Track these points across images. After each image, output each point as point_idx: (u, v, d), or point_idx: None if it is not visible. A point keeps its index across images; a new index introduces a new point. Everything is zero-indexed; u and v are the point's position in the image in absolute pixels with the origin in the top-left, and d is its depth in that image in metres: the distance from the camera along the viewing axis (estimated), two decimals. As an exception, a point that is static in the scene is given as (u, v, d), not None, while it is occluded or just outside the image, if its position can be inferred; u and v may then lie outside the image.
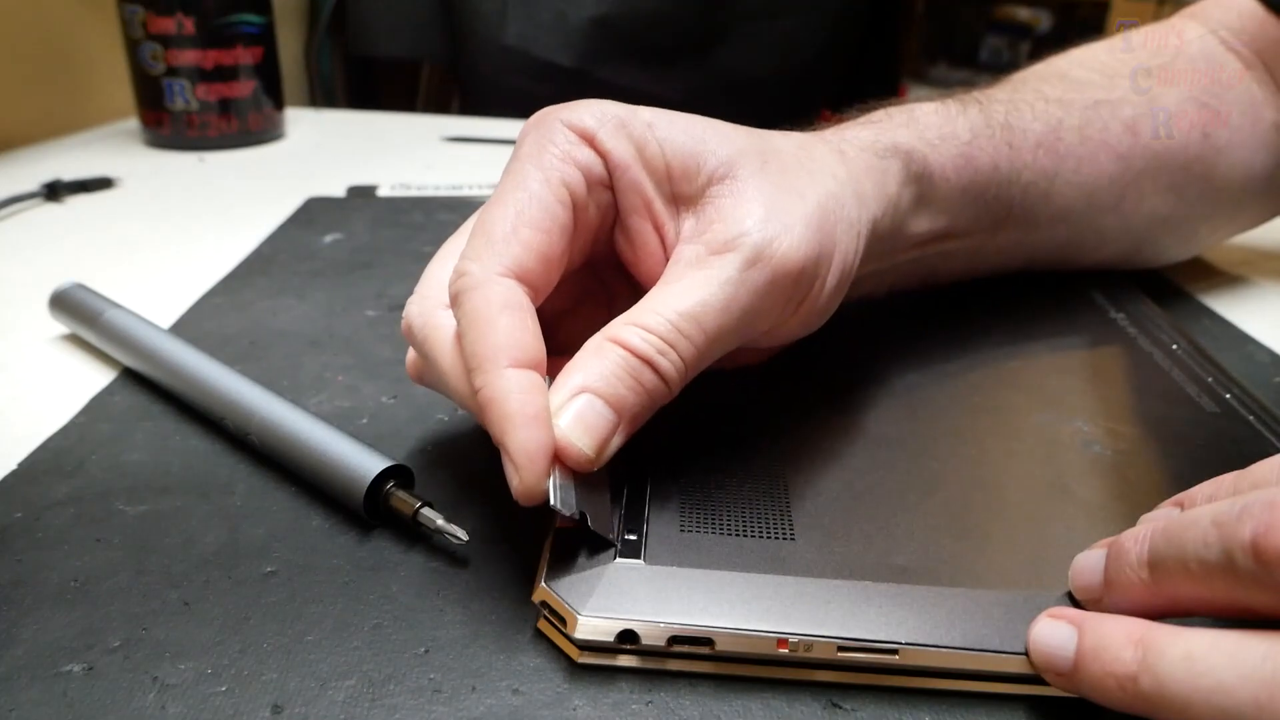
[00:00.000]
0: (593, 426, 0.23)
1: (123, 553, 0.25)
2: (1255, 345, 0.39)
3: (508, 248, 0.24)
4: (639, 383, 0.23)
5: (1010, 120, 0.36)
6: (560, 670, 0.22)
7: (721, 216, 0.26)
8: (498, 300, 0.23)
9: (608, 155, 0.26)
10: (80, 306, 0.36)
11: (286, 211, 0.55)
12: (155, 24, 0.66)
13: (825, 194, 0.27)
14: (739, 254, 0.25)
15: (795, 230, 0.26)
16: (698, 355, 0.24)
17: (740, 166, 0.27)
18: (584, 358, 0.24)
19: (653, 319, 0.24)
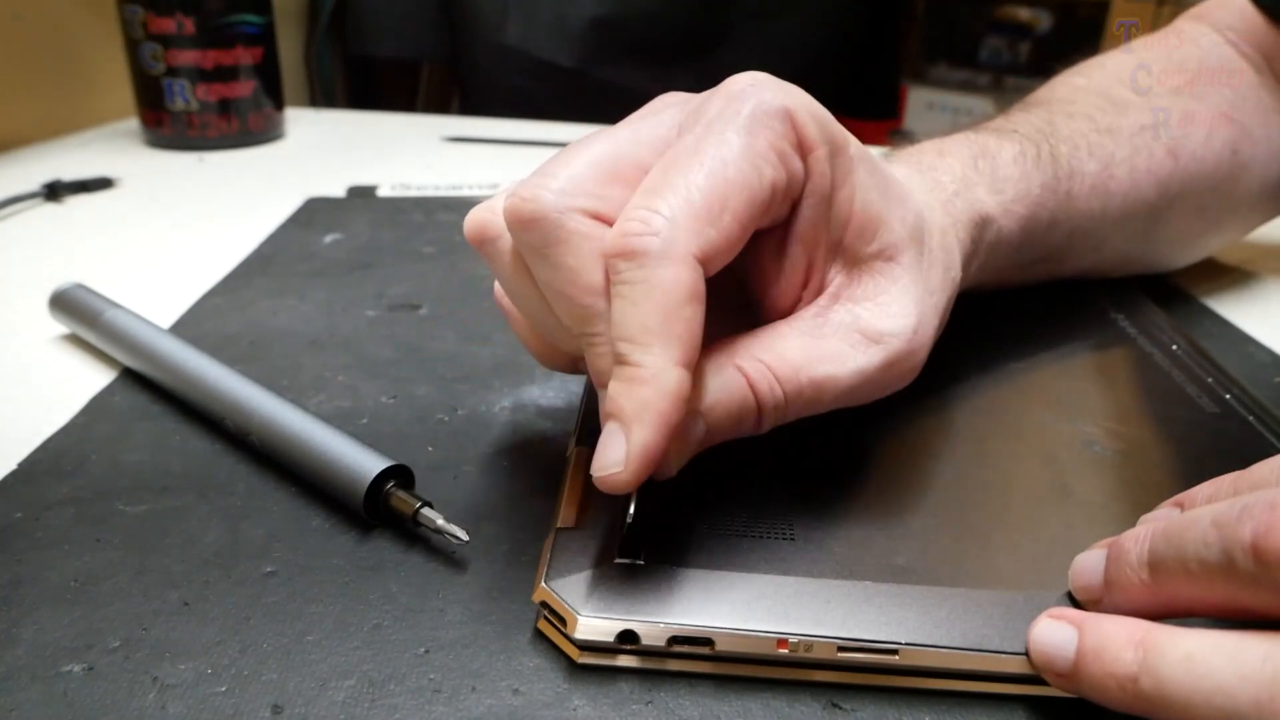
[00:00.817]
0: (688, 448, 0.23)
1: (123, 553, 0.25)
2: (1255, 345, 0.39)
3: (708, 228, 0.22)
4: (741, 420, 0.23)
5: (1073, 165, 0.36)
6: (560, 670, 0.22)
7: (881, 301, 0.25)
8: (688, 287, 0.21)
9: (811, 177, 0.24)
10: (80, 306, 0.36)
11: (286, 211, 0.55)
12: (155, 24, 0.66)
13: (948, 298, 0.28)
14: (883, 351, 0.25)
15: (928, 335, 0.26)
16: (798, 414, 0.24)
17: (904, 253, 0.26)
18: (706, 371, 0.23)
19: (784, 369, 0.24)
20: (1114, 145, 0.38)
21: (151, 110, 0.69)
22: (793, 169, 0.23)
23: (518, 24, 0.97)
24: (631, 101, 0.28)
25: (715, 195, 0.22)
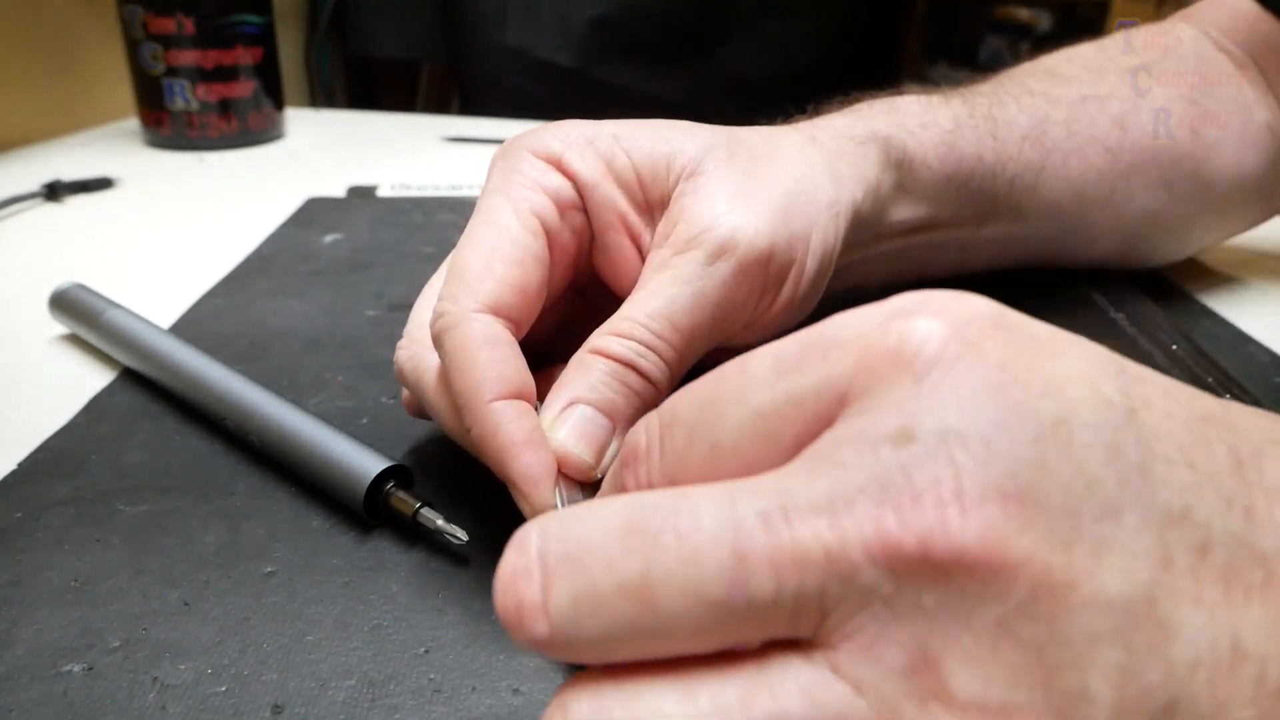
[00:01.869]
0: (589, 435, 0.23)
1: (123, 553, 0.25)
2: (1255, 345, 0.39)
3: (481, 284, 0.24)
4: (627, 387, 0.24)
5: (995, 113, 0.36)
6: (560, 670, 0.22)
7: (684, 216, 0.26)
8: (477, 337, 0.23)
9: (576, 176, 0.26)
10: (80, 306, 0.36)
11: (286, 211, 0.55)
12: (155, 24, 0.66)
13: (795, 178, 0.27)
14: (702, 250, 0.25)
15: (760, 217, 0.26)
16: (677, 353, 0.24)
17: (706, 161, 0.27)
18: (570, 373, 0.24)
19: (626, 325, 0.24)
20: (1049, 107, 0.38)
21: (151, 110, 0.69)
22: (552, 184, 0.26)
23: (518, 24, 0.97)
24: (631, 102, 0.28)
25: (479, 256, 0.25)
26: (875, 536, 0.13)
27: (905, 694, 0.13)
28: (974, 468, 0.13)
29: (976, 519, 0.12)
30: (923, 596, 0.13)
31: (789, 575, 0.13)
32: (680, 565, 0.14)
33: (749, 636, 0.14)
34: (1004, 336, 0.14)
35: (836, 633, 0.13)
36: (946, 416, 0.13)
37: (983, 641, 0.13)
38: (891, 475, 0.13)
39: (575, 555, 0.14)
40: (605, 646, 0.14)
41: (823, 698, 0.13)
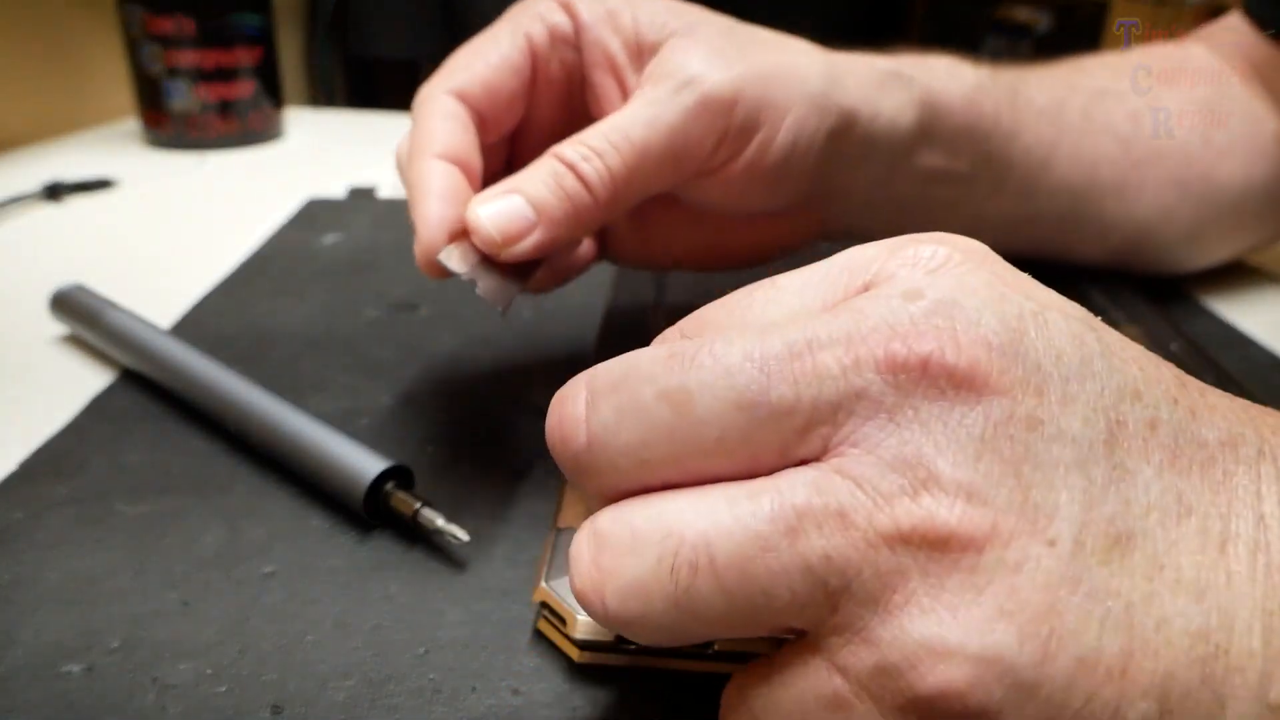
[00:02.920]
0: (506, 216, 0.26)
1: (123, 553, 0.25)
2: (1255, 345, 0.39)
3: (455, 74, 0.29)
4: (563, 189, 0.26)
5: (1016, 85, 0.37)
6: (560, 670, 0.22)
7: (665, 58, 0.28)
8: (438, 110, 0.28)
9: (577, 15, 0.29)
10: (80, 307, 0.36)
11: (287, 212, 0.55)
12: (155, 24, 0.66)
13: (785, 61, 0.29)
14: (671, 79, 0.27)
15: (734, 70, 0.28)
16: (624, 165, 0.27)
17: (703, 28, 0.29)
18: (526, 167, 0.27)
19: (587, 132, 0.27)
20: (1067, 93, 0.39)
21: (151, 110, 0.69)
22: (554, 19, 0.29)
23: (518, 24, 0.97)
24: None
25: (465, 53, 0.29)
26: (884, 356, 0.15)
27: (899, 487, 0.14)
28: (968, 324, 0.15)
29: (968, 354, 0.15)
30: (920, 408, 0.15)
31: (807, 387, 0.15)
32: (714, 376, 0.15)
33: (768, 448, 0.15)
34: (994, 262, 0.17)
35: (844, 443, 0.15)
36: (950, 291, 0.16)
37: (969, 449, 0.14)
38: (900, 317, 0.15)
39: (620, 377, 0.16)
40: (639, 451, 0.16)
41: (825, 491, 0.15)
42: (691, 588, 0.15)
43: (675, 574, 0.15)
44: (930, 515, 0.14)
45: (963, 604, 0.14)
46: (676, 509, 0.15)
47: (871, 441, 0.15)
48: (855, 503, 0.14)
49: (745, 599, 0.15)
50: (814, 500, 0.15)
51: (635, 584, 0.15)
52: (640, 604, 0.15)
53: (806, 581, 0.15)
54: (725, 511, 0.15)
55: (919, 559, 0.14)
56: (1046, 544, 0.14)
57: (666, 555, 0.15)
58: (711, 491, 0.15)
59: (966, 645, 0.14)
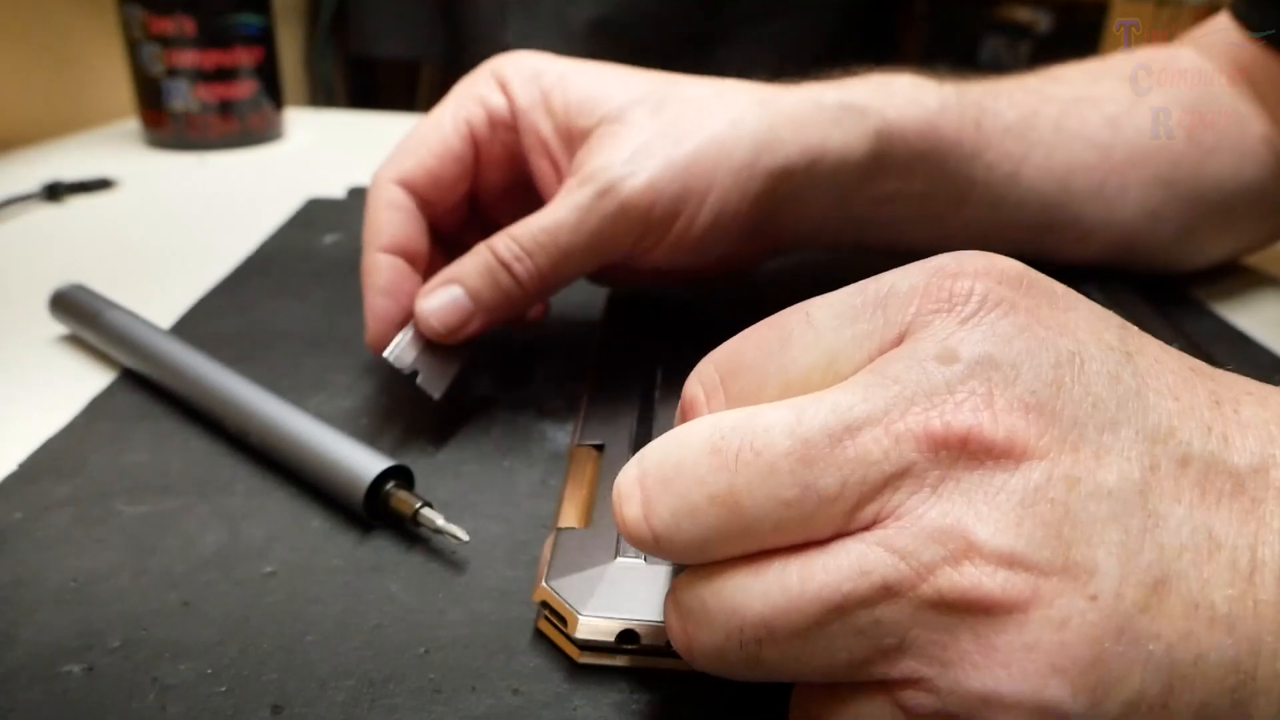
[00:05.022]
0: (447, 309, 0.30)
1: (123, 553, 0.25)
2: (1255, 345, 0.39)
3: (403, 162, 0.32)
4: (496, 281, 0.30)
5: (984, 103, 0.37)
6: (560, 670, 0.22)
7: (592, 153, 0.30)
8: (384, 199, 0.31)
9: (513, 100, 0.31)
10: (80, 307, 0.36)
11: (287, 212, 0.55)
12: (155, 25, 0.66)
13: (710, 138, 0.30)
14: (593, 185, 0.29)
15: (652, 171, 0.29)
16: (551, 264, 0.30)
17: (631, 111, 0.30)
18: (465, 255, 0.30)
19: (519, 229, 0.30)
20: (1040, 104, 0.39)
21: (151, 110, 0.69)
22: (492, 103, 0.32)
23: (517, 24, 0.97)
24: None
25: (414, 138, 0.32)
26: (924, 433, 0.15)
27: (942, 557, 0.15)
28: (1004, 385, 0.16)
29: (1005, 422, 0.15)
30: (961, 479, 0.15)
31: (851, 473, 0.16)
32: (759, 476, 0.16)
33: (819, 529, 0.16)
34: (1030, 292, 0.17)
35: (889, 516, 0.16)
36: (984, 346, 0.16)
37: (1009, 516, 0.15)
38: (937, 386, 0.16)
39: (670, 477, 0.17)
40: (702, 546, 0.17)
41: (870, 565, 0.15)
42: (760, 655, 0.17)
43: (744, 646, 0.17)
44: (973, 584, 0.15)
45: (1015, 661, 0.15)
46: (739, 589, 0.17)
47: (915, 515, 0.15)
48: (899, 575, 0.15)
49: (809, 663, 0.16)
50: (860, 581, 0.15)
51: (714, 650, 0.17)
52: (724, 665, 0.17)
53: (862, 645, 0.16)
54: (779, 595, 0.16)
55: (967, 621, 0.15)
56: (1089, 599, 0.15)
57: (733, 632, 0.17)
58: (769, 570, 0.16)
59: (1023, 700, 0.15)
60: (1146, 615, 0.15)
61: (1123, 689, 0.15)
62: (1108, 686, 0.15)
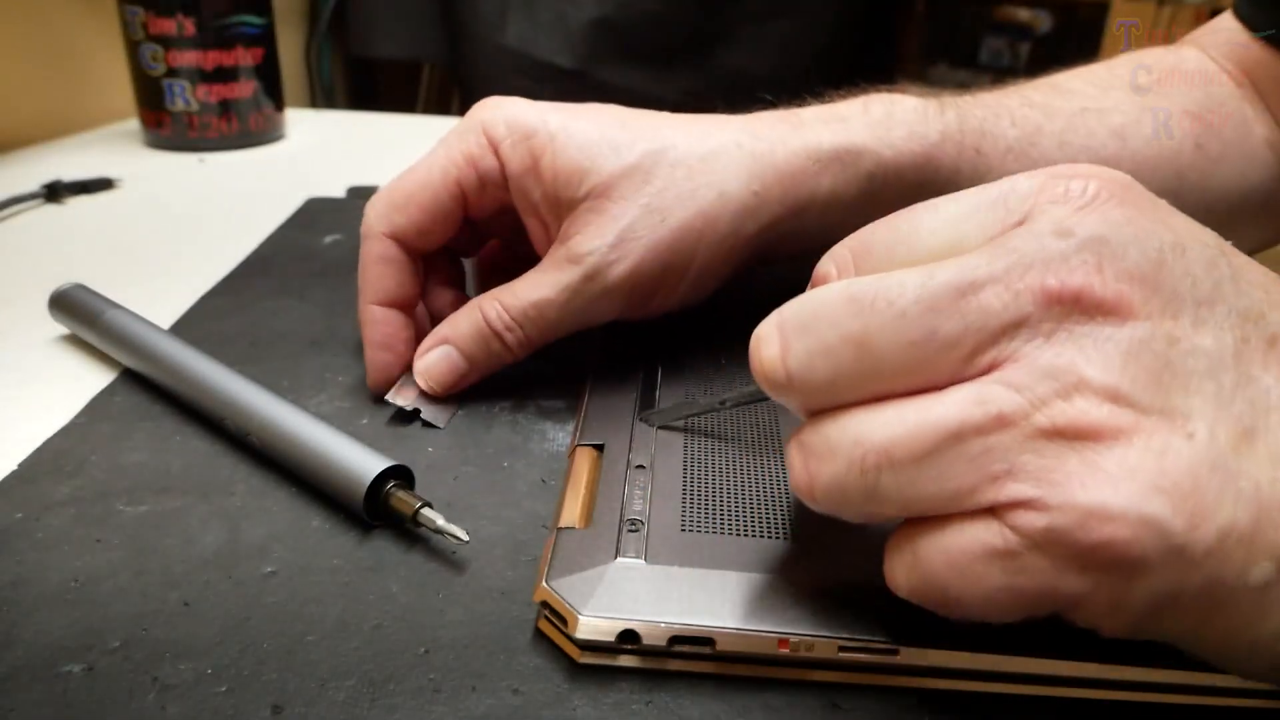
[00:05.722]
0: (444, 370, 0.32)
1: (123, 553, 0.25)
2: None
3: (394, 216, 0.33)
4: (488, 347, 0.32)
5: (985, 127, 0.37)
6: (561, 670, 0.22)
7: (581, 230, 0.31)
8: (375, 253, 0.33)
9: (505, 164, 0.32)
10: (80, 307, 0.36)
11: (287, 212, 0.55)
12: (155, 25, 0.66)
13: (695, 213, 0.31)
14: (581, 268, 0.31)
15: (635, 257, 0.31)
16: (539, 334, 0.32)
17: (616, 188, 0.31)
18: (458, 313, 0.33)
19: (510, 299, 0.32)
20: (1044, 119, 0.38)
21: (152, 111, 0.69)
22: (484, 165, 0.32)
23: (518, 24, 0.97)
24: (631, 102, 0.28)
25: (402, 193, 0.33)
26: (1040, 289, 0.17)
27: (1053, 391, 0.17)
28: (1113, 259, 0.18)
29: (1114, 287, 0.17)
30: (1072, 330, 0.17)
31: (973, 322, 0.18)
32: (890, 321, 0.18)
33: (939, 373, 0.18)
34: (1137, 193, 0.19)
35: (1005, 360, 0.18)
36: (1097, 228, 0.18)
37: (1116, 360, 0.17)
38: (1052, 254, 0.18)
39: (807, 322, 0.19)
40: (830, 386, 0.19)
41: (986, 400, 0.17)
42: (878, 483, 0.18)
43: (864, 474, 0.18)
44: (1081, 413, 0.17)
45: (1120, 480, 0.17)
46: (862, 424, 0.18)
47: (1028, 357, 0.17)
48: (1013, 405, 0.17)
49: (922, 489, 0.18)
50: (975, 411, 0.17)
51: (835, 482, 0.19)
52: (842, 497, 0.19)
53: (973, 472, 0.17)
54: (899, 425, 0.18)
55: (1074, 446, 0.17)
56: (1185, 437, 0.17)
57: (855, 460, 0.18)
58: (890, 407, 0.18)
59: (1128, 511, 0.17)
60: (1237, 456, 0.17)
61: (1217, 516, 0.17)
62: (1204, 512, 0.16)
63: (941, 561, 0.18)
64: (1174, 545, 0.17)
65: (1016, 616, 0.19)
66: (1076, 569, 0.17)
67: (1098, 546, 0.17)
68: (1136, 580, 0.17)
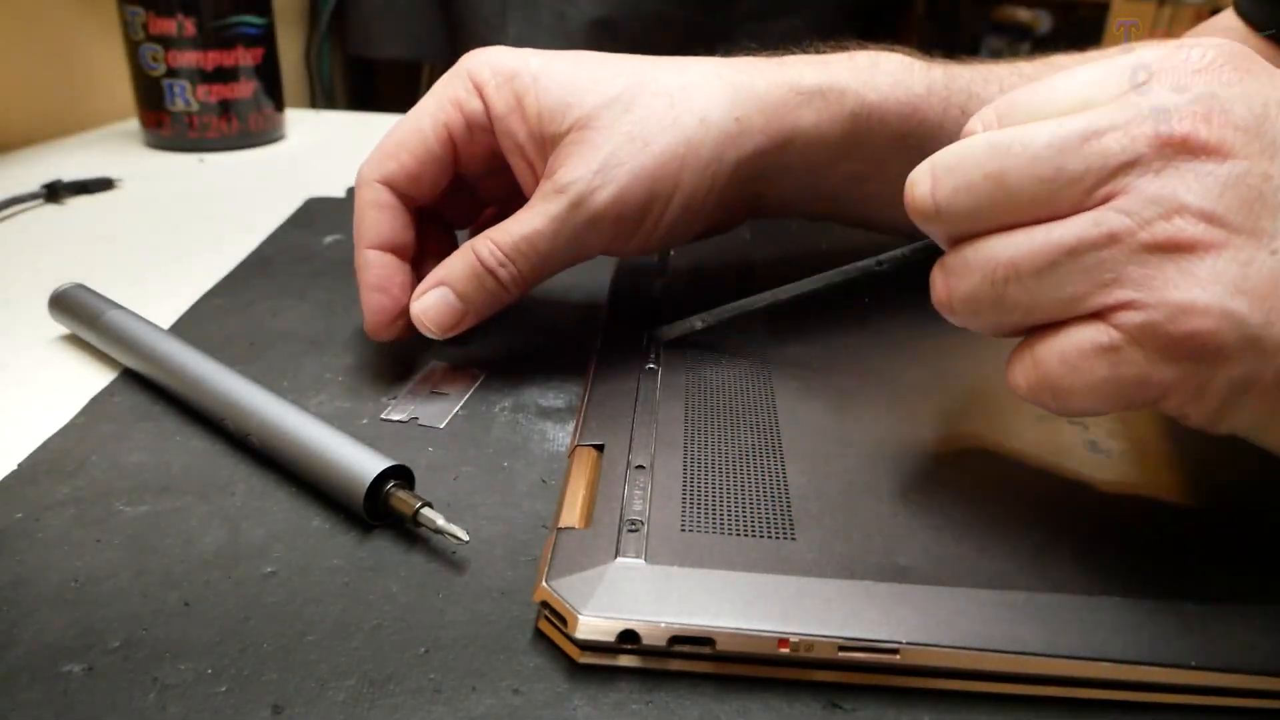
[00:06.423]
0: (441, 311, 0.33)
1: (123, 553, 0.25)
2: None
3: (385, 163, 0.34)
4: (483, 285, 0.32)
5: (973, 89, 0.37)
6: (561, 670, 0.22)
7: (565, 162, 0.31)
8: (369, 199, 0.34)
9: (489, 106, 0.33)
10: (80, 307, 0.36)
11: (287, 212, 0.55)
12: (156, 25, 0.66)
13: (678, 139, 0.32)
14: (567, 197, 0.31)
15: (620, 182, 0.31)
16: (532, 268, 0.32)
17: (599, 118, 0.31)
18: (452, 256, 0.33)
19: (501, 237, 0.32)
20: None
21: (152, 111, 0.69)
22: (470, 108, 0.33)
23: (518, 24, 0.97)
24: None
25: (393, 142, 0.34)
26: (1154, 134, 0.20)
27: (1157, 213, 0.20)
28: (1223, 110, 0.20)
29: (1218, 132, 0.20)
30: (1179, 167, 0.20)
31: (1094, 161, 0.20)
32: (1024, 161, 0.21)
33: (1064, 204, 0.21)
34: (1251, 61, 0.21)
35: (1119, 192, 0.20)
36: (1210, 86, 0.20)
37: (1213, 190, 0.20)
38: (1168, 106, 0.20)
39: (954, 164, 0.22)
40: (971, 214, 0.22)
41: (1100, 222, 0.20)
42: (1005, 293, 0.22)
43: (994, 285, 0.22)
44: (1179, 229, 0.20)
45: (1209, 282, 0.19)
46: (995, 245, 0.22)
47: (1139, 189, 0.20)
48: (1121, 225, 0.20)
49: (1043, 296, 0.21)
50: (1091, 230, 0.20)
51: (969, 293, 0.22)
52: (974, 305, 0.23)
53: (1086, 280, 0.20)
54: (1026, 243, 0.21)
55: (1172, 257, 0.20)
56: (1270, 253, 0.19)
57: (988, 274, 0.22)
58: (1020, 231, 0.21)
59: (1212, 307, 0.19)
60: None
61: None
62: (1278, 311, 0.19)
63: (1056, 360, 0.21)
64: (1250, 336, 0.19)
65: (1116, 408, 0.21)
66: (1168, 359, 0.20)
67: (1185, 337, 0.19)
68: (1219, 368, 0.20)
